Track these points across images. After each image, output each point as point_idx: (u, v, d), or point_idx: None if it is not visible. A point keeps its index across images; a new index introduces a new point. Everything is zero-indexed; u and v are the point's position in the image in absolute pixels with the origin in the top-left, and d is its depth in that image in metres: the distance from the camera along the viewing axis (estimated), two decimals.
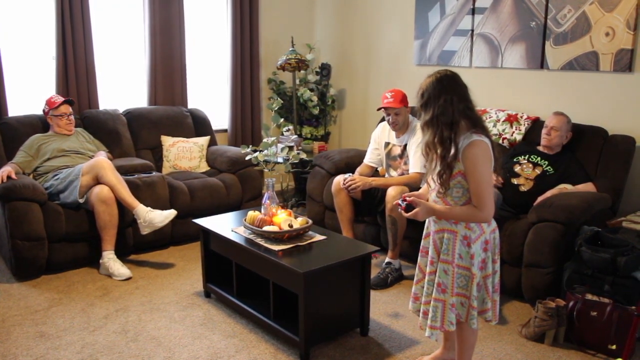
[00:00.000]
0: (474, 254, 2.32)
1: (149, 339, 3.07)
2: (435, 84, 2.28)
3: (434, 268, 2.41)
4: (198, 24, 5.58)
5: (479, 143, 2.22)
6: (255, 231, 3.18)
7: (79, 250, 4.00)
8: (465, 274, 2.35)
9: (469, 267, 2.34)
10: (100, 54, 4.97)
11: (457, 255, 2.34)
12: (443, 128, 2.24)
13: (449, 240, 2.35)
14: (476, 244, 2.32)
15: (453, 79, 2.31)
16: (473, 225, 2.31)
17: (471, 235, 2.31)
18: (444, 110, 2.23)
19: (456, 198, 2.32)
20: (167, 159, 4.98)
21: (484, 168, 2.23)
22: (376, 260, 4.11)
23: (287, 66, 5.45)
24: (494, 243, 2.38)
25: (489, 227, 2.36)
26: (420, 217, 2.36)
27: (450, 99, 2.25)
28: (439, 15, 4.98)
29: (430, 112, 2.27)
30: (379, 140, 4.18)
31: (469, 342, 2.52)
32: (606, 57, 3.96)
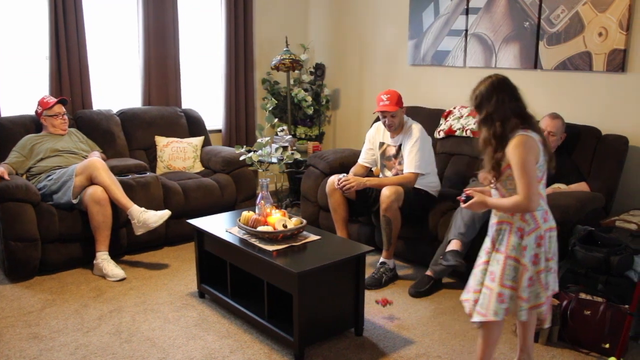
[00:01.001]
0: (526, 246, 2.40)
1: (143, 339, 3.07)
2: (488, 86, 2.46)
3: (488, 258, 2.52)
4: (192, 23, 5.57)
5: (522, 137, 2.36)
6: (249, 231, 3.18)
7: (73, 251, 3.98)
8: (515, 265, 2.41)
9: (519, 258, 2.41)
10: (94, 54, 4.96)
11: (510, 247, 2.42)
12: (496, 124, 2.41)
13: (505, 231, 2.46)
14: (530, 236, 2.40)
15: (504, 82, 2.48)
16: (528, 218, 2.40)
17: (525, 227, 2.40)
18: (496, 108, 2.41)
19: (510, 190, 2.44)
20: (161, 159, 4.97)
21: (526, 159, 2.33)
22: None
23: (282, 66, 5.45)
24: (549, 241, 2.45)
25: (546, 223, 2.43)
26: (475, 208, 2.54)
27: (502, 98, 2.42)
28: (433, 16, 4.99)
29: (484, 111, 2.45)
30: (374, 141, 4.18)
31: (493, 339, 2.56)
32: (599, 57, 3.98)
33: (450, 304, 3.54)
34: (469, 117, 4.48)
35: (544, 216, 2.44)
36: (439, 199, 4.03)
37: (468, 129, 4.42)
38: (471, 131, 4.40)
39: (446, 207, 3.91)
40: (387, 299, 3.30)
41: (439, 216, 3.86)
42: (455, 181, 4.35)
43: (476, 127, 2.61)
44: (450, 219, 3.65)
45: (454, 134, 4.53)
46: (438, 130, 4.64)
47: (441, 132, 4.62)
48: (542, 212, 2.43)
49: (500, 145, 2.40)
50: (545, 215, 2.44)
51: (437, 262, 3.55)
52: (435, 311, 3.45)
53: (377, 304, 3.30)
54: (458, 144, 4.51)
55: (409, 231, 3.96)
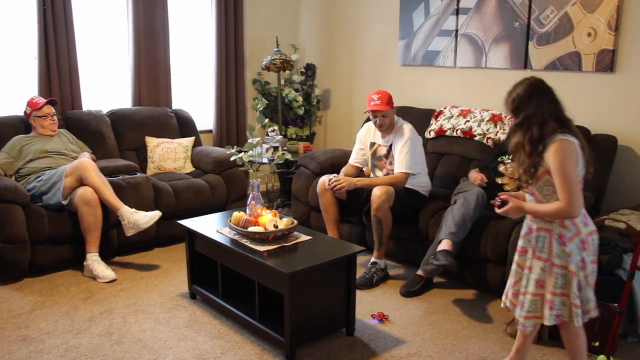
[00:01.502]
0: (571, 252, 2.36)
1: (133, 341, 3.05)
2: (526, 89, 2.41)
3: (529, 264, 2.49)
4: (182, 24, 5.55)
5: (562, 141, 2.31)
6: (240, 232, 3.17)
7: (63, 253, 3.96)
8: (563, 273, 2.38)
9: (566, 265, 2.38)
10: (83, 54, 4.93)
11: (554, 255, 2.39)
12: (534, 129, 2.35)
13: (545, 238, 2.42)
14: (572, 242, 2.36)
15: (542, 83, 2.44)
16: (568, 224, 2.36)
17: (566, 234, 2.37)
18: (535, 112, 2.36)
19: (547, 196, 2.40)
20: (151, 159, 4.95)
21: (567, 165, 2.29)
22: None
23: (272, 66, 5.44)
24: (592, 244, 2.41)
25: (586, 227, 2.40)
26: (511, 214, 2.48)
27: (540, 101, 2.38)
28: (423, 16, 5.00)
29: (522, 115, 2.39)
30: (365, 141, 4.18)
31: (578, 345, 2.51)
32: (588, 58, 4.00)
33: (441, 303, 3.55)
34: (459, 117, 4.49)
35: (583, 220, 2.40)
36: (430, 198, 4.04)
37: (458, 129, 4.43)
38: (461, 131, 4.41)
39: (437, 207, 3.92)
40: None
41: (430, 216, 3.87)
42: (445, 181, 4.36)
43: (509, 130, 2.55)
44: (441, 218, 3.66)
45: (444, 133, 4.54)
46: (429, 130, 4.66)
47: (432, 132, 4.63)
48: (582, 217, 2.39)
49: (536, 150, 2.35)
50: (585, 219, 2.41)
51: (428, 261, 3.55)
52: (426, 311, 3.45)
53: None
54: (449, 143, 4.52)
55: (400, 231, 3.97)
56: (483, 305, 3.53)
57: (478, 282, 3.69)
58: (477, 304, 3.55)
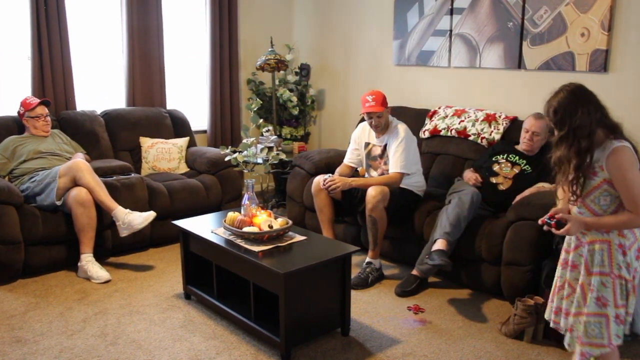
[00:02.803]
0: (630, 262, 2.24)
1: (128, 342, 3.04)
2: (569, 98, 2.24)
3: (582, 280, 2.30)
4: (177, 24, 5.54)
5: (621, 149, 2.17)
6: (235, 232, 3.17)
7: (57, 254, 3.95)
8: (623, 283, 2.24)
9: (627, 277, 2.24)
10: (77, 54, 4.91)
11: (616, 266, 2.23)
12: (580, 140, 2.20)
13: (603, 250, 2.25)
14: (631, 251, 2.24)
15: (584, 89, 2.27)
16: (626, 232, 2.23)
17: (625, 242, 2.23)
18: (582, 122, 2.20)
19: (604, 206, 2.25)
20: (145, 160, 4.94)
21: (633, 173, 2.17)
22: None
23: (267, 66, 5.44)
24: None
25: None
26: (573, 232, 2.27)
27: (587, 110, 2.21)
28: (417, 16, 5.00)
29: (566, 127, 2.23)
30: (359, 141, 4.18)
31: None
32: (582, 57, 4.01)
33: (436, 303, 3.56)
34: (453, 117, 4.50)
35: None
36: (425, 198, 4.04)
37: (453, 129, 4.44)
38: (456, 131, 4.42)
39: (432, 207, 3.92)
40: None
41: (425, 216, 3.88)
42: (440, 181, 4.37)
43: (553, 143, 2.33)
44: (436, 218, 3.67)
45: (439, 133, 4.55)
46: (423, 130, 4.66)
47: (426, 132, 4.63)
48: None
49: (584, 162, 2.21)
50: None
51: (423, 261, 3.56)
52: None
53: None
54: (443, 143, 4.52)
55: (394, 231, 3.97)
56: (478, 304, 3.54)
57: (473, 281, 3.70)
58: (471, 303, 3.56)
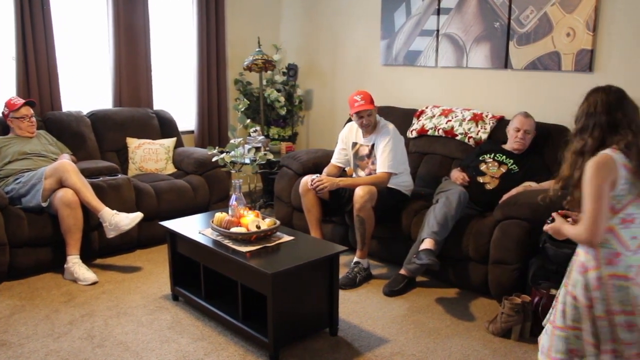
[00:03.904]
0: (587, 285, 2.03)
1: (115, 344, 3.03)
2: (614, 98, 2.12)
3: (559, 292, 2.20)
4: (163, 23, 5.51)
5: (599, 156, 2.01)
6: (222, 233, 3.16)
7: (43, 255, 3.91)
8: (574, 304, 2.08)
9: (578, 297, 2.06)
10: (63, 54, 4.88)
11: (572, 282, 2.10)
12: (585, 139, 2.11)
13: (573, 262, 2.14)
14: (588, 274, 2.03)
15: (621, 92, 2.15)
16: (592, 253, 2.04)
17: (588, 264, 2.04)
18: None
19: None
20: (132, 161, 4.91)
21: (594, 182, 1.97)
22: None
23: (254, 67, 5.43)
24: (616, 290, 2.00)
25: (610, 267, 2.01)
26: (553, 234, 2.22)
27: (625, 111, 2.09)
28: (404, 16, 5.02)
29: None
30: (347, 141, 4.19)
31: None
32: (567, 57, 4.04)
33: (424, 302, 3.57)
34: (440, 116, 4.52)
35: (608, 257, 2.01)
36: (412, 198, 4.05)
37: (440, 129, 4.46)
38: (443, 131, 4.43)
39: (419, 206, 3.93)
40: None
41: (412, 215, 3.89)
42: (428, 180, 4.38)
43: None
44: (423, 218, 3.68)
45: (426, 133, 4.57)
46: (411, 130, 4.67)
47: (414, 132, 4.65)
48: (608, 253, 2.02)
49: (577, 164, 2.11)
50: (614, 257, 2.01)
51: (411, 261, 3.56)
52: (409, 310, 3.46)
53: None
54: (430, 143, 4.54)
55: (382, 230, 3.98)
56: (465, 303, 3.55)
57: (460, 280, 3.71)
58: (459, 302, 3.57)
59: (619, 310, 2.00)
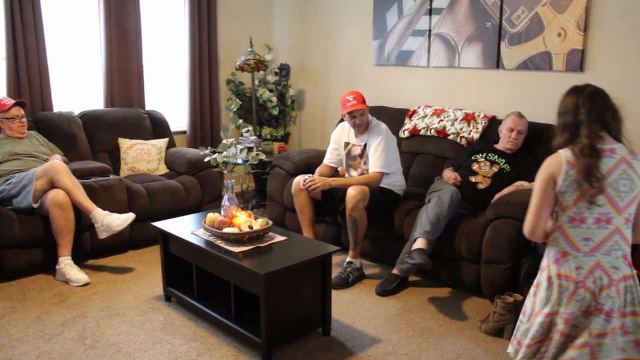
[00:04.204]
0: (540, 283, 2.08)
1: (108, 345, 3.01)
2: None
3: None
4: (155, 24, 5.50)
5: (553, 154, 2.06)
6: (215, 233, 3.16)
7: (34, 257, 3.89)
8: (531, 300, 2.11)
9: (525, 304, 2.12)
10: (54, 54, 4.85)
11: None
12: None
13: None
14: (543, 274, 2.07)
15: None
16: (546, 253, 2.09)
17: (542, 264, 2.10)
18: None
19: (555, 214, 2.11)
20: (124, 161, 4.89)
21: (538, 178, 2.05)
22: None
23: (246, 67, 5.42)
24: (559, 291, 2.00)
25: (557, 266, 2.02)
26: None
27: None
28: (396, 16, 5.02)
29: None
30: (339, 141, 4.19)
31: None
32: (559, 57, 4.06)
33: (416, 301, 3.57)
34: (433, 116, 4.52)
35: (556, 256, 2.03)
36: (405, 197, 4.06)
37: (432, 128, 4.46)
38: (435, 130, 4.44)
39: (412, 206, 3.94)
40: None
41: (405, 215, 3.89)
42: (420, 180, 4.39)
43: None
44: (416, 217, 3.68)
45: (418, 133, 4.57)
46: (403, 130, 4.68)
47: (406, 132, 4.65)
48: (556, 252, 2.03)
49: None
50: (561, 257, 2.01)
51: (404, 260, 3.57)
52: (402, 309, 3.47)
53: None
54: (423, 143, 4.55)
55: (375, 230, 3.98)
56: (458, 303, 3.56)
57: (453, 280, 3.72)
58: (452, 301, 3.58)
59: (557, 311, 2.02)
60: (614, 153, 1.99)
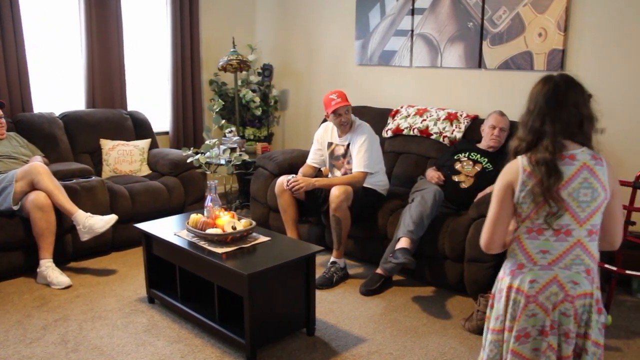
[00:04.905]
0: (494, 293, 1.99)
1: (90, 348, 2.99)
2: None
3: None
4: (137, 23, 5.46)
5: (513, 160, 1.93)
6: (198, 234, 3.14)
7: (14, 260, 3.84)
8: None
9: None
10: (33, 54, 4.80)
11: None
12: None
13: None
14: (500, 284, 1.98)
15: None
16: (504, 264, 1.98)
17: (499, 275, 1.99)
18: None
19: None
20: (106, 162, 4.85)
21: (495, 187, 1.93)
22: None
23: (229, 67, 5.40)
24: (508, 304, 1.92)
25: (511, 277, 1.91)
26: None
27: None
28: (379, 16, 5.04)
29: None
30: (322, 141, 4.19)
31: None
32: (540, 57, 4.10)
33: (400, 301, 3.58)
34: (415, 116, 4.54)
35: (512, 268, 1.92)
36: (388, 197, 4.07)
37: (415, 128, 4.48)
38: (418, 130, 4.46)
39: (395, 206, 3.95)
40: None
41: (388, 214, 3.90)
42: (403, 180, 4.40)
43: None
44: (399, 217, 3.70)
45: (401, 133, 4.59)
46: (386, 130, 4.69)
47: (389, 131, 4.66)
48: (513, 263, 1.93)
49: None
50: (517, 269, 1.90)
51: (387, 260, 3.58)
52: (386, 309, 3.48)
53: None
54: (406, 142, 4.56)
55: (358, 230, 3.99)
56: (442, 302, 3.58)
57: (436, 279, 3.74)
58: (435, 300, 3.60)
59: (509, 327, 1.92)
60: (574, 160, 1.83)
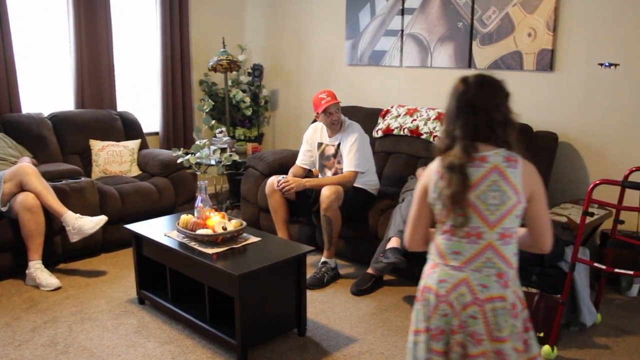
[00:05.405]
0: (418, 295, 1.94)
1: (80, 350, 2.97)
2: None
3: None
4: (126, 23, 5.43)
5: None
6: (188, 235, 3.13)
7: (3, 261, 3.82)
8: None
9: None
10: (22, 54, 4.77)
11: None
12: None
13: None
14: (421, 282, 1.93)
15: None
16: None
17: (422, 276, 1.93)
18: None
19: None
20: (96, 163, 4.83)
21: (415, 189, 1.92)
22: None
23: (219, 67, 5.39)
24: (429, 304, 1.86)
25: (428, 279, 1.88)
26: None
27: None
28: (369, 16, 5.04)
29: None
30: (312, 142, 4.19)
31: None
32: (529, 57, 4.11)
33: (391, 300, 3.59)
34: (406, 116, 4.55)
35: (427, 269, 1.89)
36: (379, 197, 4.07)
37: (405, 128, 4.49)
38: (408, 130, 4.47)
39: (385, 205, 3.96)
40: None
41: (379, 214, 3.91)
42: (394, 180, 4.41)
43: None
44: (390, 216, 3.70)
45: (391, 132, 4.59)
46: (376, 130, 4.70)
47: (379, 131, 4.67)
48: (429, 264, 1.89)
49: None
50: (431, 269, 1.87)
51: (378, 259, 3.58)
52: (377, 308, 3.48)
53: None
54: (396, 142, 4.57)
55: (349, 230, 3.99)
56: None
57: None
58: None
59: (425, 327, 1.88)
60: (484, 162, 1.77)
